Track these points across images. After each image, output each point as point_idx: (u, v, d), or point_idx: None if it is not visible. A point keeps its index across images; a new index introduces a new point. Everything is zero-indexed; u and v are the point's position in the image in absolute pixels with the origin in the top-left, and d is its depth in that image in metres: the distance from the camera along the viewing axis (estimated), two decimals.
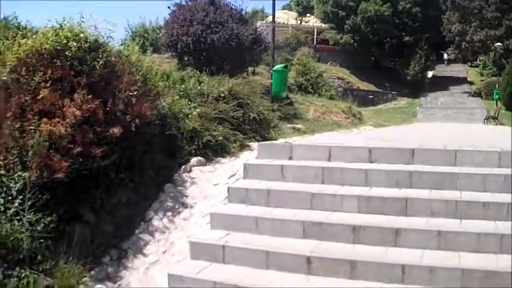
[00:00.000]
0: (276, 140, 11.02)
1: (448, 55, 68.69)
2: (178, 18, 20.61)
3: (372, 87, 52.62)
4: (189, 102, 10.61)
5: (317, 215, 6.66)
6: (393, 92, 52.55)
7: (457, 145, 8.04)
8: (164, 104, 9.72)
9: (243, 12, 21.68)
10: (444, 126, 24.94)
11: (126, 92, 8.00)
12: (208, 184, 8.86)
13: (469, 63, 65.65)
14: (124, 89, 7.99)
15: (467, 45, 52.95)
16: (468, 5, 51.30)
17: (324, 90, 26.42)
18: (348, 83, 51.22)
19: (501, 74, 45.94)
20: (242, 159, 9.11)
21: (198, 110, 10.22)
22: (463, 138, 12.57)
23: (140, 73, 9.08)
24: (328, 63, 53.26)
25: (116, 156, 7.73)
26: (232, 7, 21.53)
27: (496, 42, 47.16)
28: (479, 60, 59.21)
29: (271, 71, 17.65)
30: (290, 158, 7.99)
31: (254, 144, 10.21)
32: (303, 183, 7.33)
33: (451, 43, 56.81)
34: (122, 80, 8.05)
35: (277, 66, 16.70)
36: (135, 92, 8.21)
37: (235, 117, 10.64)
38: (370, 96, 49.34)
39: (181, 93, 11.25)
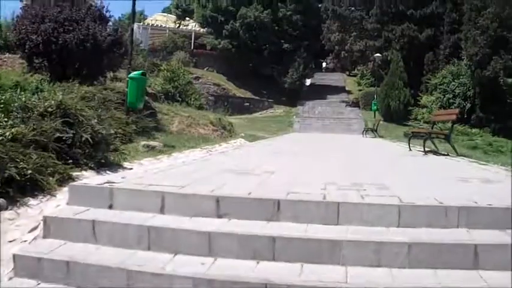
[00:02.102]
0: (120, 163, 8.97)
1: (327, 64, 69.28)
2: (30, 13, 18.04)
3: (248, 95, 51.53)
4: (6, 119, 8.13)
5: None
6: (270, 100, 51.61)
7: (340, 189, 6.27)
8: None
9: (105, 10, 19.05)
10: (322, 140, 23.66)
11: None
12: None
13: (347, 73, 66.05)
14: None
15: (346, 54, 53.53)
16: (349, 15, 52.04)
17: (193, 99, 24.47)
18: (224, 89, 50.05)
19: (379, 85, 46.20)
20: (58, 200, 6.91)
21: (13, 130, 7.73)
22: (347, 163, 10.87)
23: None
24: (205, 69, 52.12)
25: None
26: (92, 3, 19.17)
27: (375, 53, 47.45)
28: (357, 70, 59.62)
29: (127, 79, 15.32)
30: (110, 207, 5.70)
31: (86, 174, 8.05)
32: (121, 248, 4.94)
33: (331, 52, 57.21)
34: None
35: (134, 73, 14.36)
36: None
37: (63, 138, 8.32)
38: (246, 104, 48.39)
39: (1, 106, 8.79)
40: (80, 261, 4.71)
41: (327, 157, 12.39)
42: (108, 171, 7.72)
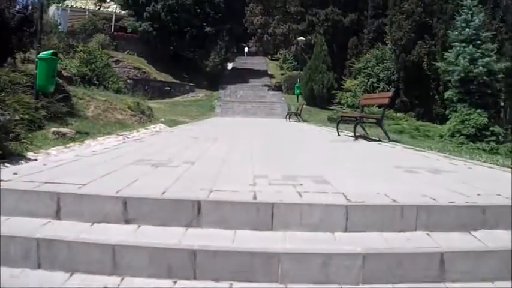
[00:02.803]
0: (23, 154, 7.92)
1: (249, 47, 68.83)
2: None
3: (170, 79, 50.36)
4: None
5: None
6: (191, 84, 50.53)
7: (271, 186, 5.18)
8: None
9: None
10: (245, 125, 22.81)
11: None
12: None
13: (270, 56, 65.66)
14: None
15: (269, 38, 53.05)
16: None
17: (110, 83, 23.20)
18: (145, 73, 48.78)
19: (302, 68, 45.88)
20: None
21: None
22: (275, 151, 10.01)
23: None
24: (126, 52, 50.69)
25: None
26: None
27: (299, 37, 47.11)
28: (280, 54, 59.27)
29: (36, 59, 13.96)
30: None
31: None
32: (4, 266, 3.98)
33: (253, 35, 56.70)
34: None
35: (43, 53, 13.14)
36: None
37: None
38: (167, 88, 47.34)
39: None
40: None
41: (252, 143, 11.48)
42: (6, 164, 6.66)
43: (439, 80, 36.10)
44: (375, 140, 13.12)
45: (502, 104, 27.96)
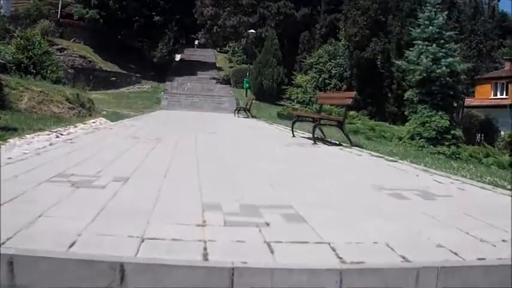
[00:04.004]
0: None
1: (198, 39, 67.83)
2: None
3: (116, 69, 48.93)
4: None
5: None
6: (138, 75, 49.34)
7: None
8: None
9: None
10: (192, 120, 21.48)
11: None
12: None
13: (219, 49, 64.59)
14: None
15: (218, 29, 52.13)
16: None
17: (49, 72, 21.53)
18: (91, 62, 47.39)
19: (252, 62, 44.94)
20: None
21: None
22: (226, 159, 8.66)
23: None
24: (71, 40, 49.00)
25: None
26: None
27: (249, 29, 46.23)
28: (229, 47, 58.24)
29: None
30: None
31: None
32: None
33: (203, 27, 55.70)
34: None
35: None
36: None
37: None
38: (112, 78, 46.00)
39: None
40: None
41: (199, 147, 10.14)
42: None
43: (392, 78, 35.58)
44: (336, 144, 11.95)
45: (455, 104, 27.24)
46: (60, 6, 53.52)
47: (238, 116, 30.25)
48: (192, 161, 7.40)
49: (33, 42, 21.88)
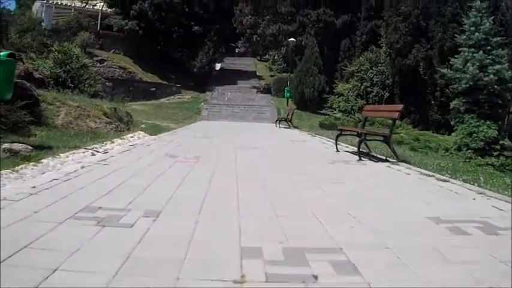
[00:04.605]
0: None
1: (238, 47, 67.70)
2: None
3: (156, 79, 48.83)
4: None
5: None
6: (178, 85, 49.12)
7: None
8: None
9: None
10: (232, 132, 20.99)
11: None
12: None
13: (258, 57, 64.23)
14: None
15: (258, 38, 51.92)
16: None
17: (87, 85, 21.35)
18: (131, 73, 47.48)
19: (292, 71, 44.53)
20: None
21: None
22: (267, 181, 8.14)
23: None
24: (111, 51, 49.35)
25: None
26: None
27: (289, 38, 45.87)
28: (269, 55, 57.78)
29: None
30: None
31: None
32: None
33: (242, 35, 55.54)
34: None
35: None
36: None
37: None
38: (152, 89, 45.99)
39: None
40: None
41: (238, 167, 9.62)
42: None
43: (435, 85, 34.72)
44: (382, 160, 11.36)
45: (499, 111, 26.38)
46: (99, 18, 53.88)
47: (280, 127, 29.77)
48: (231, 188, 6.88)
49: (70, 56, 21.77)
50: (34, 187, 6.04)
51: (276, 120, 32.29)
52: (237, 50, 69.91)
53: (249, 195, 6.38)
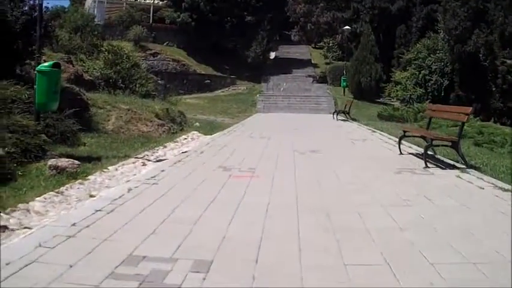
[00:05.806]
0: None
1: (292, 36, 67.24)
2: None
3: (210, 71, 48.92)
4: None
5: None
6: (232, 76, 49.21)
7: None
8: None
9: None
10: (290, 128, 20.28)
11: None
12: None
13: (313, 45, 63.45)
14: None
15: (312, 26, 51.42)
16: None
17: (138, 85, 20.90)
18: (184, 65, 47.75)
19: (348, 59, 43.80)
20: None
21: None
22: (330, 201, 7.50)
23: None
24: (164, 44, 49.77)
25: None
26: None
27: (343, 25, 45.25)
28: (324, 42, 56.91)
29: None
30: None
31: None
32: None
33: (295, 24, 55.19)
34: None
35: (43, 65, 10.80)
36: None
37: None
38: (206, 81, 46.07)
39: None
40: None
41: (298, 182, 8.89)
42: None
43: (496, 72, 33.42)
44: (450, 166, 10.53)
45: None
46: (151, 11, 53.95)
47: (337, 119, 29.01)
48: (290, 223, 6.06)
49: (121, 56, 21.45)
50: (74, 224, 5.49)
51: (334, 112, 31.54)
52: (292, 38, 69.31)
53: (310, 233, 5.60)
